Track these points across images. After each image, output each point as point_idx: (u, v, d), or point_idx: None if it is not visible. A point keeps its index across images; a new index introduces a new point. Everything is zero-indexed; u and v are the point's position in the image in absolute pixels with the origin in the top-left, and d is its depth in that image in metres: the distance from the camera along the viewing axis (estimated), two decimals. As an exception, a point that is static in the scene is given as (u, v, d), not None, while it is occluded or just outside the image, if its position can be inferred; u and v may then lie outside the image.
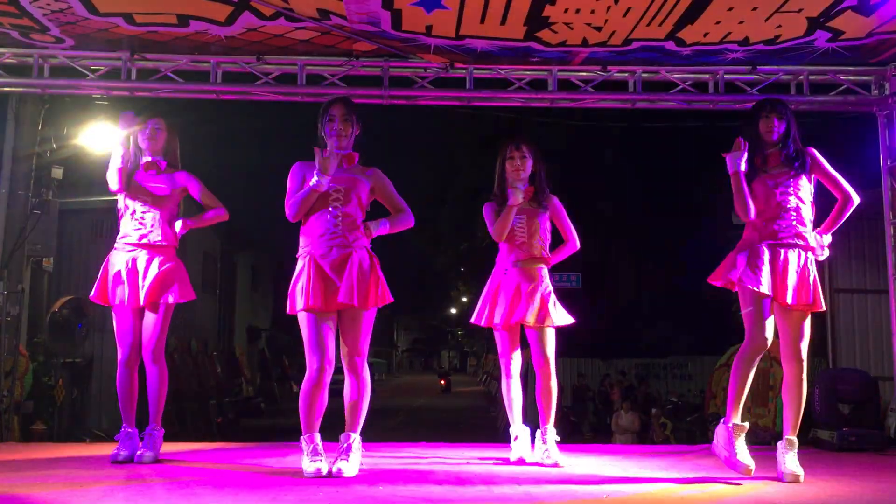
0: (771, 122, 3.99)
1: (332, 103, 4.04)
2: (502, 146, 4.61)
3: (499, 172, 4.57)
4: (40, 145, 8.21)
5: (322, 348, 3.76)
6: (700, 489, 3.64)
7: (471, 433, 12.56)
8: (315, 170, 3.83)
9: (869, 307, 8.92)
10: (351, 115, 4.01)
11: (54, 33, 5.45)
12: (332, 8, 4.98)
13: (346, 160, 3.97)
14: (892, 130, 6.08)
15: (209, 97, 6.19)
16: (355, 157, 4.01)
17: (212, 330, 18.13)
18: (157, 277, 4.23)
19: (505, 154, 4.55)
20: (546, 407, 4.38)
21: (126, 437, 4.28)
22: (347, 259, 3.80)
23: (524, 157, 4.51)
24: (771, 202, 3.92)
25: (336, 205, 3.87)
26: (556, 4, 4.84)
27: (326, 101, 4.08)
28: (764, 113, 4.03)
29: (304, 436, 3.80)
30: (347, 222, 3.86)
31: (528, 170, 4.51)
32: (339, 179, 3.90)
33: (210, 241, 17.83)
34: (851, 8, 4.83)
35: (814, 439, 5.52)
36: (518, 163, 4.50)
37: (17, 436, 7.32)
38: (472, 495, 3.43)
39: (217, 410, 15.28)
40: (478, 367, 38.67)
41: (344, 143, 3.97)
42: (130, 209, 4.35)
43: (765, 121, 4.01)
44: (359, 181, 3.96)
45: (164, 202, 4.36)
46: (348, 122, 3.98)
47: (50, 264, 9.04)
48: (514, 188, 4.35)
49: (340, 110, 3.99)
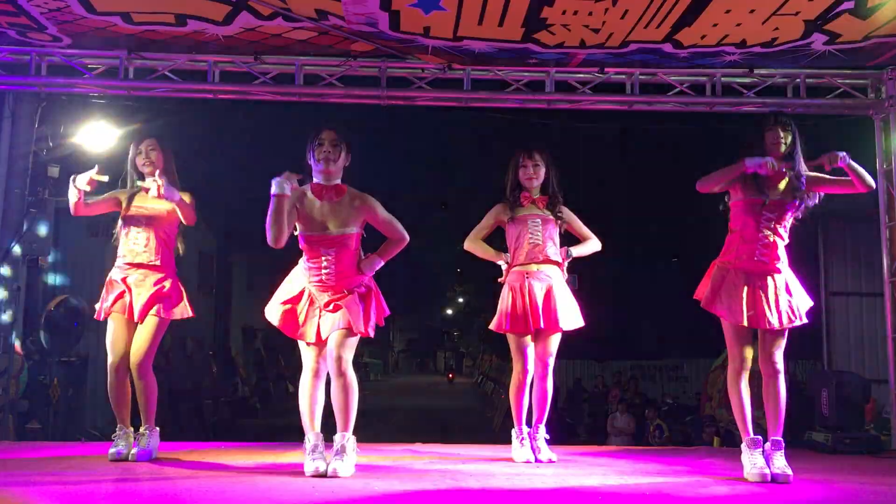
0: (776, 134, 3.98)
1: (322, 127, 3.84)
2: (515, 154, 4.63)
3: (511, 179, 4.59)
4: (37, 144, 8.17)
5: (312, 353, 3.86)
6: (695, 490, 3.65)
7: (466, 433, 12.55)
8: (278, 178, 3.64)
9: (864, 310, 8.95)
10: (341, 142, 3.82)
11: (52, 32, 5.44)
12: (330, 8, 4.99)
13: (335, 194, 3.83)
14: (888, 134, 6.10)
15: (206, 96, 6.20)
16: (343, 189, 3.86)
17: (207, 329, 18.09)
18: (152, 294, 4.25)
19: (518, 162, 4.57)
20: (543, 407, 4.49)
21: (122, 436, 4.30)
22: (342, 300, 3.81)
23: (537, 165, 4.55)
24: (754, 229, 3.93)
25: (329, 264, 3.81)
26: (553, 6, 4.84)
27: (317, 126, 3.86)
28: (770, 125, 4.01)
29: (307, 434, 3.83)
30: (341, 277, 3.83)
31: (540, 178, 4.55)
32: (328, 242, 3.79)
33: (206, 240, 17.80)
34: (849, 11, 4.84)
35: (809, 441, 5.53)
36: (531, 171, 4.54)
37: (12, 435, 7.29)
38: (467, 495, 3.43)
39: (212, 410, 15.24)
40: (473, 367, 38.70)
41: (331, 169, 3.79)
42: (127, 230, 4.36)
43: (771, 132, 3.99)
44: (346, 238, 3.81)
45: (160, 223, 4.35)
46: (338, 147, 3.80)
47: (46, 263, 9.02)
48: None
49: (330, 135, 3.81)
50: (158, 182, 4.14)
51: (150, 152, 4.39)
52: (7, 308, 7.28)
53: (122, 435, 4.29)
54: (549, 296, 4.42)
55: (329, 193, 3.83)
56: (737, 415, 3.96)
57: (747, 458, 3.85)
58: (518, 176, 4.57)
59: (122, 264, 4.33)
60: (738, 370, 3.94)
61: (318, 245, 3.81)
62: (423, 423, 15.96)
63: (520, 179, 4.56)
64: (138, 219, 4.35)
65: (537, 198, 4.56)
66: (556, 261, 4.52)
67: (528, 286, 4.42)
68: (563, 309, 4.43)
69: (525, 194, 4.56)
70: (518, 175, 4.57)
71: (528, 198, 4.56)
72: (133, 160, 4.41)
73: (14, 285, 7.63)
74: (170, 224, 4.40)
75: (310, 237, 3.82)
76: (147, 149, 4.39)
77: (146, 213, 4.35)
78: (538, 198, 4.56)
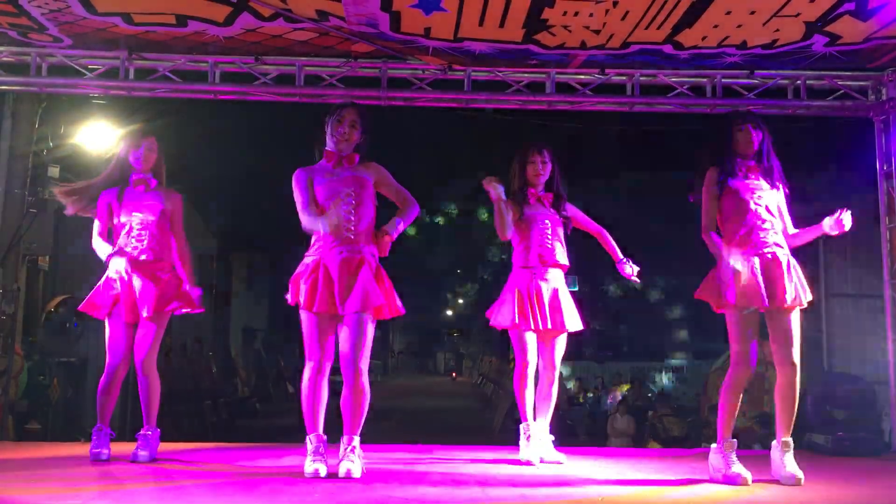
0: (749, 134, 3.99)
1: (344, 105, 4.08)
2: (524, 149, 4.64)
3: (518, 174, 4.60)
4: (37, 144, 8.18)
5: (322, 344, 3.79)
6: (696, 492, 3.65)
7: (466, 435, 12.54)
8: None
9: (864, 312, 8.94)
10: (359, 123, 4.02)
11: (52, 32, 5.44)
12: (330, 9, 4.98)
13: (346, 160, 3.98)
14: (888, 136, 6.10)
15: (207, 97, 6.19)
16: (355, 157, 4.02)
17: (207, 330, 18.09)
18: (153, 289, 4.24)
19: (526, 158, 4.58)
20: (548, 408, 4.51)
21: (100, 435, 4.29)
22: (357, 266, 3.80)
23: (545, 161, 4.58)
24: (749, 211, 3.93)
25: (349, 210, 3.86)
26: (554, 7, 4.84)
27: (339, 103, 4.08)
28: (739, 124, 4.03)
29: (309, 435, 3.81)
30: (361, 228, 3.86)
31: (547, 174, 4.58)
32: (347, 180, 3.91)
33: (206, 241, 17.80)
34: (849, 13, 4.84)
35: (809, 443, 5.52)
36: (539, 167, 4.57)
37: (11, 435, 7.29)
38: (466, 497, 3.43)
39: (212, 411, 15.24)
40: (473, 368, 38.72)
41: (343, 147, 3.99)
42: (126, 225, 4.35)
43: (743, 133, 4.00)
44: (365, 179, 3.96)
45: (159, 219, 4.36)
46: (355, 128, 4.00)
47: (46, 263, 9.03)
48: (493, 186, 4.30)
49: (351, 115, 4.01)
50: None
51: (148, 151, 4.41)
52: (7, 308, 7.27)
53: (103, 434, 4.29)
54: (555, 298, 4.43)
55: (343, 159, 3.99)
56: (730, 418, 3.89)
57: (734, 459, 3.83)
58: (526, 172, 4.57)
59: (121, 259, 4.29)
60: (742, 375, 3.86)
61: (339, 184, 3.89)
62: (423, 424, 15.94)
63: (528, 176, 4.57)
64: (136, 216, 4.34)
65: (543, 195, 4.57)
66: (564, 263, 4.53)
67: (536, 287, 4.42)
68: (568, 311, 4.44)
69: (532, 190, 4.57)
70: (526, 171, 4.57)
71: (534, 194, 4.57)
72: (127, 156, 4.43)
73: (14, 285, 7.63)
74: (165, 218, 4.41)
75: (329, 181, 3.90)
76: (147, 147, 4.43)
77: (142, 210, 4.35)
78: (543, 195, 4.57)
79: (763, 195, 3.96)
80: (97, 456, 4.18)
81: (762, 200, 3.95)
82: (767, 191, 3.98)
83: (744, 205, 3.93)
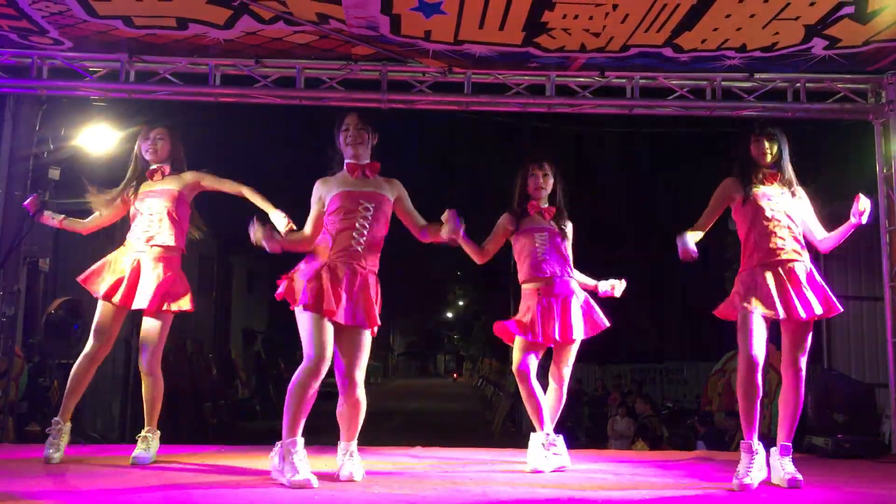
0: (762, 145, 4.01)
1: (346, 114, 4.07)
2: (524, 163, 4.63)
3: (519, 187, 4.59)
4: (38, 146, 8.18)
5: (322, 344, 3.70)
6: (695, 494, 3.65)
7: (466, 437, 12.54)
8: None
9: (864, 314, 8.94)
10: (365, 125, 4.02)
11: (53, 35, 5.45)
12: (331, 12, 5.00)
13: (368, 169, 3.96)
14: (888, 138, 6.11)
15: (207, 100, 6.20)
16: (377, 166, 4.00)
17: (207, 332, 18.08)
18: (161, 285, 4.23)
19: (527, 171, 4.57)
20: (557, 413, 4.52)
21: (66, 432, 4.26)
22: (364, 281, 3.80)
23: (546, 174, 4.56)
24: (764, 218, 3.95)
25: (364, 224, 3.84)
26: (554, 10, 4.85)
27: (341, 114, 4.08)
28: (755, 135, 4.05)
29: (288, 440, 3.60)
30: (371, 245, 3.85)
31: (549, 188, 4.57)
32: (367, 195, 3.89)
33: (206, 242, 17.80)
34: (849, 16, 4.85)
35: (808, 446, 5.53)
36: (540, 181, 4.55)
37: (11, 437, 7.29)
38: (466, 499, 3.43)
39: (212, 413, 15.25)
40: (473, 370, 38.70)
41: (360, 152, 3.96)
42: (140, 213, 4.35)
43: (757, 143, 4.03)
44: (383, 198, 3.94)
45: (172, 205, 4.35)
46: (363, 130, 3.98)
47: (46, 265, 9.03)
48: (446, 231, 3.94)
49: (353, 118, 4.01)
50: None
51: (157, 141, 4.41)
52: (7, 310, 7.28)
53: (64, 431, 4.26)
54: (565, 308, 4.40)
55: (364, 170, 3.95)
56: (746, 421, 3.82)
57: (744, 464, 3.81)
58: (527, 186, 4.57)
59: (134, 247, 4.30)
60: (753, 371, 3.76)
61: (358, 198, 3.87)
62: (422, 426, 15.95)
63: (528, 189, 4.56)
64: (149, 203, 4.34)
65: (544, 208, 4.56)
66: (558, 275, 4.49)
67: (545, 304, 4.40)
68: (576, 320, 4.41)
69: (532, 203, 4.56)
70: (527, 184, 4.56)
71: (535, 207, 4.55)
72: (139, 149, 4.44)
73: (14, 287, 7.63)
74: (184, 207, 4.40)
75: (350, 192, 3.87)
76: (155, 137, 4.42)
77: (156, 197, 4.35)
78: (545, 208, 4.56)
79: (779, 201, 3.99)
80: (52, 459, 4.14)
81: (779, 206, 3.98)
82: (785, 198, 4.00)
83: (760, 211, 3.96)
